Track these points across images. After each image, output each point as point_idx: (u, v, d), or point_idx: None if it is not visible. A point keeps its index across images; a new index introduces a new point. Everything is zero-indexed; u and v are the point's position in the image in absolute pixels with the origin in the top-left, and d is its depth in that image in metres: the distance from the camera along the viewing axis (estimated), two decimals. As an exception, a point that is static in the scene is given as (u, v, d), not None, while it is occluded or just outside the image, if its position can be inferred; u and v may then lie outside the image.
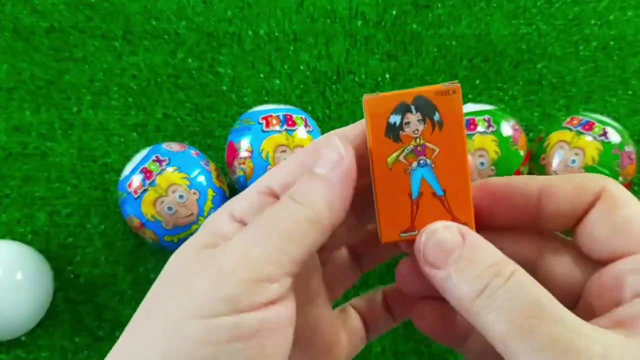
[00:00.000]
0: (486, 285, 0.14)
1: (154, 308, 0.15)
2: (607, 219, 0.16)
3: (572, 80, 0.44)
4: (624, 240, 0.16)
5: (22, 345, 0.37)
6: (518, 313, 0.14)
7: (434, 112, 0.16)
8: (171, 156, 0.35)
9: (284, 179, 0.17)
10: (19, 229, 0.39)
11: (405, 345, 0.37)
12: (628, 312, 0.15)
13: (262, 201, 0.17)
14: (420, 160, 0.16)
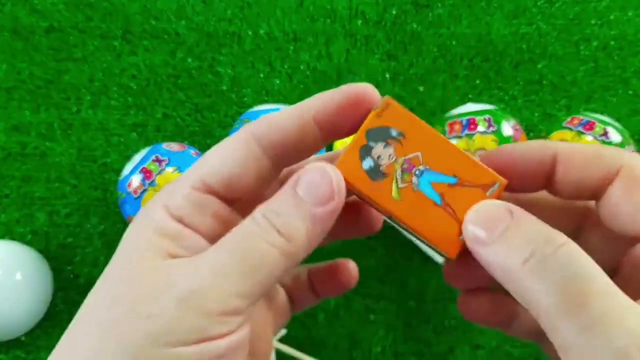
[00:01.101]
0: (534, 251, 0.14)
1: (107, 316, 0.14)
2: (629, 197, 0.15)
3: (572, 80, 0.44)
4: (593, 172, 0.16)
5: (21, 346, 0.37)
6: (568, 285, 0.13)
7: (389, 131, 0.16)
8: (171, 156, 0.35)
9: (220, 172, 0.16)
10: (18, 229, 0.39)
11: (405, 345, 0.37)
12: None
13: (198, 199, 0.16)
14: (416, 173, 0.16)
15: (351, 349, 0.37)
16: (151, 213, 0.16)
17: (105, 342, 0.14)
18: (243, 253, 0.15)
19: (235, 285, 0.14)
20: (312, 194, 0.15)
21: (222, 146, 0.17)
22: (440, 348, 0.37)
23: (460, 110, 0.37)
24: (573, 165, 0.16)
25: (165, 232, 0.16)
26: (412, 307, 0.38)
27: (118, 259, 0.16)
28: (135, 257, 0.15)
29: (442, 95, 0.43)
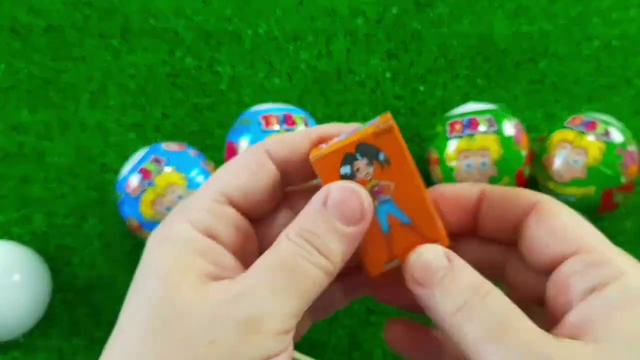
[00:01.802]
0: (466, 301, 0.16)
1: (158, 349, 0.14)
2: (543, 224, 0.17)
3: (574, 79, 0.44)
4: (561, 243, 0.16)
5: (19, 347, 0.37)
6: (492, 323, 0.15)
7: (378, 153, 0.17)
8: (170, 156, 0.34)
9: (237, 185, 0.17)
10: (16, 230, 0.39)
11: (406, 347, 0.37)
12: (579, 317, 0.15)
13: (220, 211, 0.16)
14: (380, 199, 0.17)
15: (351, 350, 0.37)
16: (176, 230, 0.16)
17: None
18: (295, 275, 0.15)
19: (292, 306, 0.15)
20: (345, 214, 0.16)
21: (236, 161, 0.17)
22: (441, 349, 0.37)
23: (462, 110, 0.37)
24: (493, 203, 0.18)
25: (196, 249, 0.16)
26: (413, 309, 0.38)
27: (150, 283, 0.15)
28: (175, 282, 0.15)
29: (443, 95, 0.43)
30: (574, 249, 0.16)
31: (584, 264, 0.16)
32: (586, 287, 0.15)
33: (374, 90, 0.43)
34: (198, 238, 0.16)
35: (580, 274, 0.16)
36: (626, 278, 0.15)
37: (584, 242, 0.16)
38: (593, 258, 0.16)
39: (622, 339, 0.14)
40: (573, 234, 0.16)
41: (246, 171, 0.17)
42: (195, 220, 0.16)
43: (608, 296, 0.15)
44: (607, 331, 0.14)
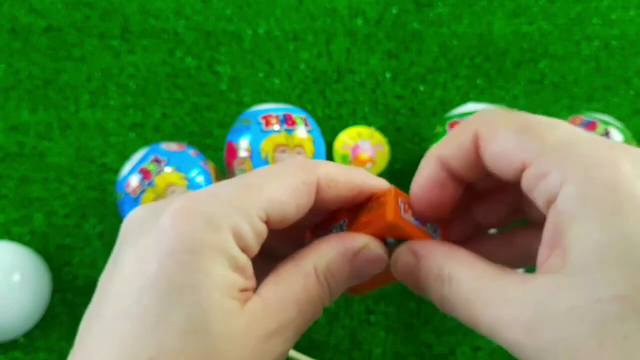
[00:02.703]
0: (440, 294, 0.17)
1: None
2: (486, 154, 0.17)
3: (574, 79, 0.44)
4: (507, 166, 0.16)
5: (19, 347, 0.37)
6: (465, 308, 0.16)
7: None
8: (169, 156, 0.34)
9: (284, 211, 0.17)
10: (16, 230, 0.39)
11: (405, 347, 0.37)
12: (547, 237, 0.15)
13: (261, 230, 0.16)
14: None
15: (351, 350, 0.37)
16: (221, 237, 0.15)
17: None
18: (314, 317, 0.17)
19: (292, 338, 0.16)
20: (367, 271, 0.18)
21: (288, 176, 0.17)
22: (441, 349, 0.36)
23: (462, 110, 0.37)
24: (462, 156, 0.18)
25: (237, 265, 0.15)
26: (413, 309, 0.37)
27: (191, 289, 0.15)
28: (210, 297, 0.15)
29: (443, 95, 0.43)
30: (520, 167, 0.16)
31: (530, 180, 0.15)
32: (543, 202, 0.15)
33: (374, 90, 0.43)
34: (239, 255, 0.16)
35: (533, 191, 0.15)
36: (568, 186, 0.14)
37: (525, 156, 0.15)
38: (535, 172, 0.15)
39: (582, 259, 0.14)
40: (514, 152, 0.16)
41: (293, 196, 0.17)
42: (239, 233, 0.16)
43: (558, 210, 0.14)
44: (569, 251, 0.14)
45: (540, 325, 0.14)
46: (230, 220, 0.15)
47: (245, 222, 0.16)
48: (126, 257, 0.15)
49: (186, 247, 0.15)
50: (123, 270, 0.15)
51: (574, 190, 0.14)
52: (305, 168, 0.17)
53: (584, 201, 0.14)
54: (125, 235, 0.16)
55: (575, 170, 0.14)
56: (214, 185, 0.17)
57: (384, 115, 0.42)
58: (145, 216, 0.16)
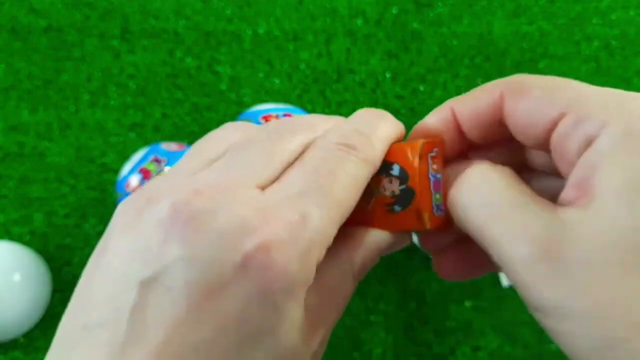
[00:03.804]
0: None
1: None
2: (518, 108, 0.17)
3: (574, 79, 0.44)
4: (542, 116, 0.16)
5: (19, 347, 0.37)
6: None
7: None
8: (169, 156, 0.34)
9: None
10: (16, 230, 0.39)
11: (405, 346, 0.37)
12: (576, 179, 0.15)
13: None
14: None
15: (351, 350, 0.37)
16: (310, 274, 0.14)
17: None
18: (341, 311, 0.17)
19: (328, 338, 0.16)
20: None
21: (352, 183, 0.16)
22: (441, 349, 0.37)
23: (461, 110, 0.37)
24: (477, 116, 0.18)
25: (309, 283, 0.15)
26: (413, 308, 0.38)
27: (264, 334, 0.14)
28: (291, 339, 0.14)
29: (443, 95, 0.43)
30: (557, 115, 0.16)
31: (569, 125, 0.15)
32: (578, 147, 0.15)
33: (374, 90, 0.43)
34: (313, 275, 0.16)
35: (570, 137, 0.15)
36: (611, 127, 0.14)
37: (564, 104, 0.16)
38: (576, 117, 0.15)
39: (615, 192, 0.13)
40: (552, 100, 0.16)
41: (358, 195, 0.17)
42: (320, 253, 0.16)
43: (596, 150, 0.14)
44: (602, 186, 0.14)
45: (562, 245, 0.13)
46: (320, 253, 0.15)
47: (325, 248, 0.15)
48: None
49: (278, 288, 0.13)
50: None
51: (616, 130, 0.14)
52: (367, 159, 0.16)
53: (625, 139, 0.14)
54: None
55: (617, 114, 0.14)
56: (299, 204, 0.15)
57: (384, 115, 0.43)
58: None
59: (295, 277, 0.14)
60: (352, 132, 0.17)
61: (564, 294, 0.13)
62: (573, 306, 0.13)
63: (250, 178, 0.15)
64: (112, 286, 0.14)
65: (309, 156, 0.16)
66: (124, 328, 0.13)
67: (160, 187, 0.15)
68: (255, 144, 0.16)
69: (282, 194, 0.15)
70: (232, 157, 0.16)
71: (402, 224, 0.17)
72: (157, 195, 0.15)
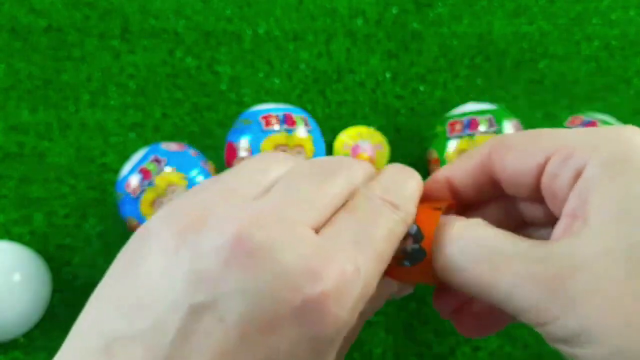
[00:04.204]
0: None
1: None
2: (507, 161, 0.18)
3: (574, 79, 0.44)
4: (530, 161, 0.17)
5: (19, 347, 0.37)
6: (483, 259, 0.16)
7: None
8: (169, 156, 0.34)
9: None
10: (16, 230, 0.39)
11: (405, 347, 0.37)
12: (570, 208, 0.15)
13: None
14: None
15: (352, 350, 0.37)
16: (354, 318, 0.15)
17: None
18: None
19: None
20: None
21: (388, 236, 0.17)
22: (441, 349, 0.37)
23: (462, 110, 0.37)
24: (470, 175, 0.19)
25: None
26: (413, 309, 0.38)
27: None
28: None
29: (443, 95, 0.43)
30: (543, 160, 0.16)
31: (557, 165, 0.16)
32: (569, 182, 0.16)
33: (374, 90, 0.43)
34: None
35: (559, 175, 0.16)
36: (597, 155, 0.15)
37: (548, 148, 0.16)
38: (562, 155, 0.16)
39: (608, 213, 0.14)
40: (535, 148, 0.17)
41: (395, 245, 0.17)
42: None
43: (586, 178, 0.15)
44: (594, 210, 0.14)
45: (567, 275, 0.14)
46: (364, 304, 0.15)
47: (367, 300, 0.16)
48: None
49: (328, 336, 0.14)
50: None
51: (602, 156, 0.15)
52: (405, 219, 0.17)
53: (611, 164, 0.15)
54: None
55: (600, 144, 0.15)
56: (353, 254, 0.15)
57: (384, 115, 0.43)
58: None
59: (342, 327, 0.14)
60: (394, 190, 0.17)
61: (583, 323, 0.14)
62: (594, 331, 0.13)
63: (305, 216, 0.15)
64: (155, 304, 0.14)
65: (358, 206, 0.16)
66: (166, 350, 0.13)
67: (213, 207, 0.15)
68: (305, 180, 0.16)
69: (337, 240, 0.15)
70: (285, 191, 0.16)
71: (409, 277, 0.18)
72: (214, 217, 0.14)
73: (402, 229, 0.17)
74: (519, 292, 0.14)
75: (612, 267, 0.13)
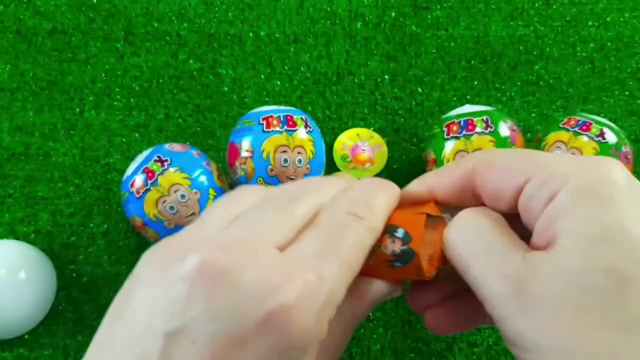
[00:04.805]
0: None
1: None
2: (487, 181, 0.19)
3: (569, 81, 0.44)
4: (509, 183, 0.18)
5: (24, 344, 0.37)
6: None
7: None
8: (173, 156, 0.35)
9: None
10: (21, 229, 0.39)
11: (403, 343, 0.37)
12: (540, 228, 0.17)
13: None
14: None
15: (350, 346, 0.37)
16: (324, 332, 0.16)
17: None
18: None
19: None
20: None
21: (358, 247, 0.18)
22: (439, 346, 0.37)
23: (458, 111, 0.38)
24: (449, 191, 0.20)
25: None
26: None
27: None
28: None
29: (441, 96, 0.44)
30: (523, 181, 0.18)
31: (535, 186, 0.17)
32: (543, 204, 0.17)
33: (373, 92, 0.44)
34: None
35: (535, 196, 0.17)
36: (572, 182, 0.16)
37: (528, 171, 0.18)
38: (540, 179, 0.17)
39: (572, 239, 0.15)
40: (517, 169, 0.18)
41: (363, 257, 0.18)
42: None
43: (558, 202, 0.16)
44: (562, 233, 0.16)
45: (528, 283, 0.15)
46: (332, 311, 0.16)
47: (337, 306, 0.16)
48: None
49: (296, 345, 0.14)
50: None
51: (574, 186, 0.16)
52: (372, 227, 0.18)
53: (580, 194, 0.16)
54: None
55: (575, 174, 0.16)
56: (316, 265, 0.16)
57: (382, 117, 0.43)
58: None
59: (312, 335, 0.15)
60: (359, 203, 0.19)
61: (529, 327, 0.15)
62: (536, 338, 0.14)
63: (269, 238, 0.16)
64: (137, 336, 0.15)
65: (322, 221, 0.18)
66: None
67: (185, 241, 0.17)
68: (271, 206, 0.18)
69: (300, 255, 0.16)
70: (251, 217, 0.17)
71: (402, 276, 0.19)
72: (183, 250, 0.16)
73: (368, 236, 0.18)
74: (489, 281, 0.16)
75: (566, 290, 0.15)
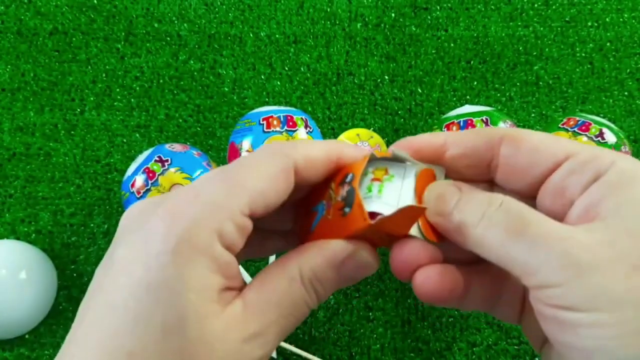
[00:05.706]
0: (483, 213, 0.17)
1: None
2: (520, 148, 0.18)
3: (568, 81, 0.44)
4: (548, 156, 0.17)
5: (26, 344, 0.37)
6: (511, 222, 0.16)
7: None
8: (173, 157, 0.35)
9: (266, 202, 0.17)
10: (22, 229, 0.39)
11: (403, 342, 0.37)
12: (583, 207, 0.16)
13: (245, 225, 0.17)
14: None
15: (351, 346, 0.37)
16: (203, 240, 0.16)
17: None
18: (298, 321, 0.17)
19: (273, 341, 0.17)
20: (356, 276, 0.18)
21: (262, 166, 0.17)
22: (438, 345, 0.37)
23: (458, 112, 0.38)
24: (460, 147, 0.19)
25: (219, 266, 0.16)
26: (411, 305, 0.38)
27: (161, 290, 0.15)
28: (186, 300, 0.15)
29: (440, 97, 0.44)
30: (562, 157, 0.17)
31: (577, 163, 0.17)
32: (586, 181, 0.16)
33: (373, 92, 0.44)
34: (223, 254, 0.16)
35: (577, 173, 0.17)
36: (619, 164, 0.16)
37: (569, 148, 0.17)
38: (584, 157, 0.17)
39: (627, 212, 0.15)
40: (555, 145, 0.18)
41: (273, 186, 0.17)
42: (223, 233, 0.16)
43: (606, 181, 0.16)
44: (612, 209, 0.15)
45: (582, 251, 0.15)
46: (214, 221, 0.16)
47: (228, 221, 0.16)
48: (118, 254, 0.16)
49: (169, 249, 0.15)
50: (114, 267, 0.16)
51: (624, 167, 0.16)
52: (281, 154, 0.18)
53: (629, 178, 0.16)
54: (122, 230, 0.17)
55: (618, 161, 0.16)
56: (197, 182, 0.17)
57: (382, 117, 0.43)
58: (140, 214, 0.16)
59: (183, 242, 0.15)
60: (295, 146, 0.18)
61: (599, 284, 0.15)
62: (610, 295, 0.14)
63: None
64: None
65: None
66: None
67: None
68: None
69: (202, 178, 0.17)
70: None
71: (352, 225, 0.18)
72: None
73: (278, 161, 0.17)
74: (537, 254, 0.15)
75: (614, 258, 0.15)
